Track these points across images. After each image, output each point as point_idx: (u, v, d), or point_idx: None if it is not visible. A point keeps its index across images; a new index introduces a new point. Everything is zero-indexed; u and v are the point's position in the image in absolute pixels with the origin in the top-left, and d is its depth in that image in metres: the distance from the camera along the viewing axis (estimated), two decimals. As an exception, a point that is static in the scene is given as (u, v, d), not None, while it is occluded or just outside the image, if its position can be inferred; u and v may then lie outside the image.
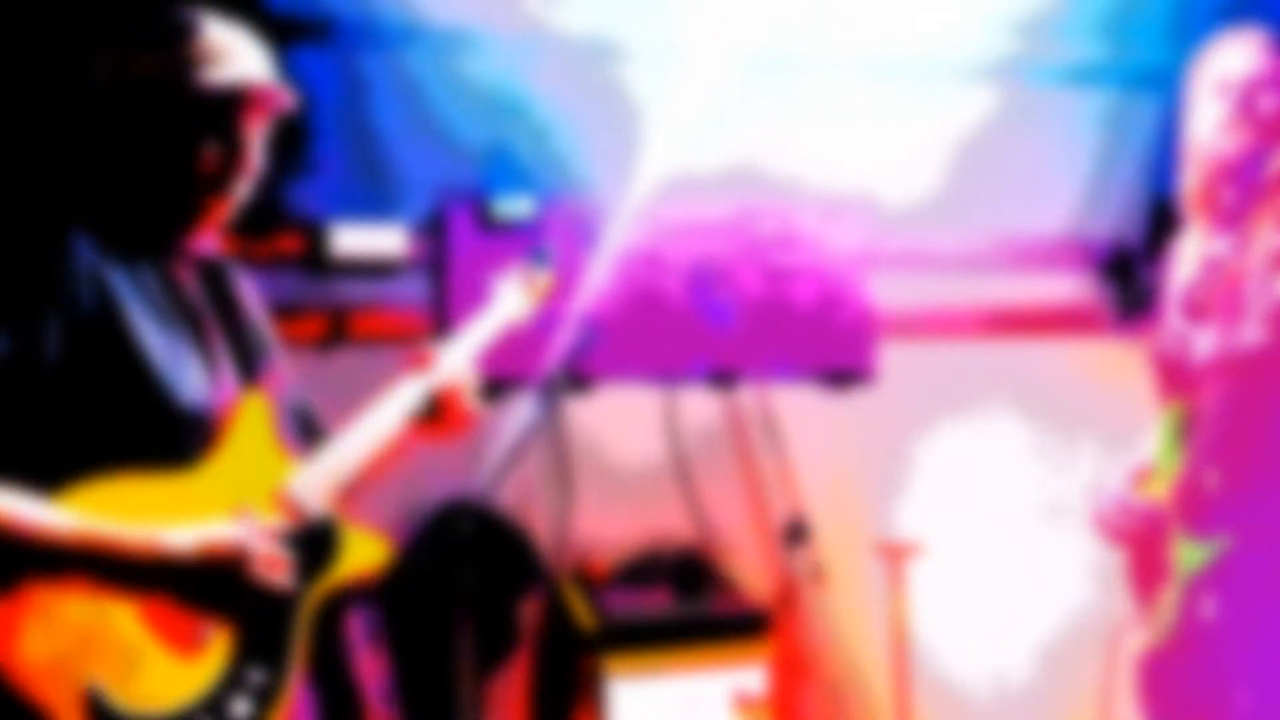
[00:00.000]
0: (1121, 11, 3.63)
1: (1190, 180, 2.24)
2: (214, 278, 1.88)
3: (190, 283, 1.83)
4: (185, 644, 1.66)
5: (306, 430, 1.98)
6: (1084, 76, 3.78)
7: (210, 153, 1.75)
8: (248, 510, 1.74)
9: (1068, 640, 3.70)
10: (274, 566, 1.72)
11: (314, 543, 1.83)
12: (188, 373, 1.74)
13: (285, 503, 1.80)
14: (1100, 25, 3.67)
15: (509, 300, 2.33)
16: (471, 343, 2.16)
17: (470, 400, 2.07)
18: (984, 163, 3.63)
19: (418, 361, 2.05)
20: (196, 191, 1.77)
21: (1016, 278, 3.79)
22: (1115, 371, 3.72)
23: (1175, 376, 2.22)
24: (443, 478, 3.19)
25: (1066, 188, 3.82)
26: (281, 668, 1.75)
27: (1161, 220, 3.58)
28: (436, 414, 2.03)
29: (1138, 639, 2.33)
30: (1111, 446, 2.48)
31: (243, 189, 1.81)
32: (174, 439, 1.71)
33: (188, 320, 1.79)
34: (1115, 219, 3.84)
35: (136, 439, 1.67)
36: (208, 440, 1.75)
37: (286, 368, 1.98)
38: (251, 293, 1.95)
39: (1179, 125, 2.32)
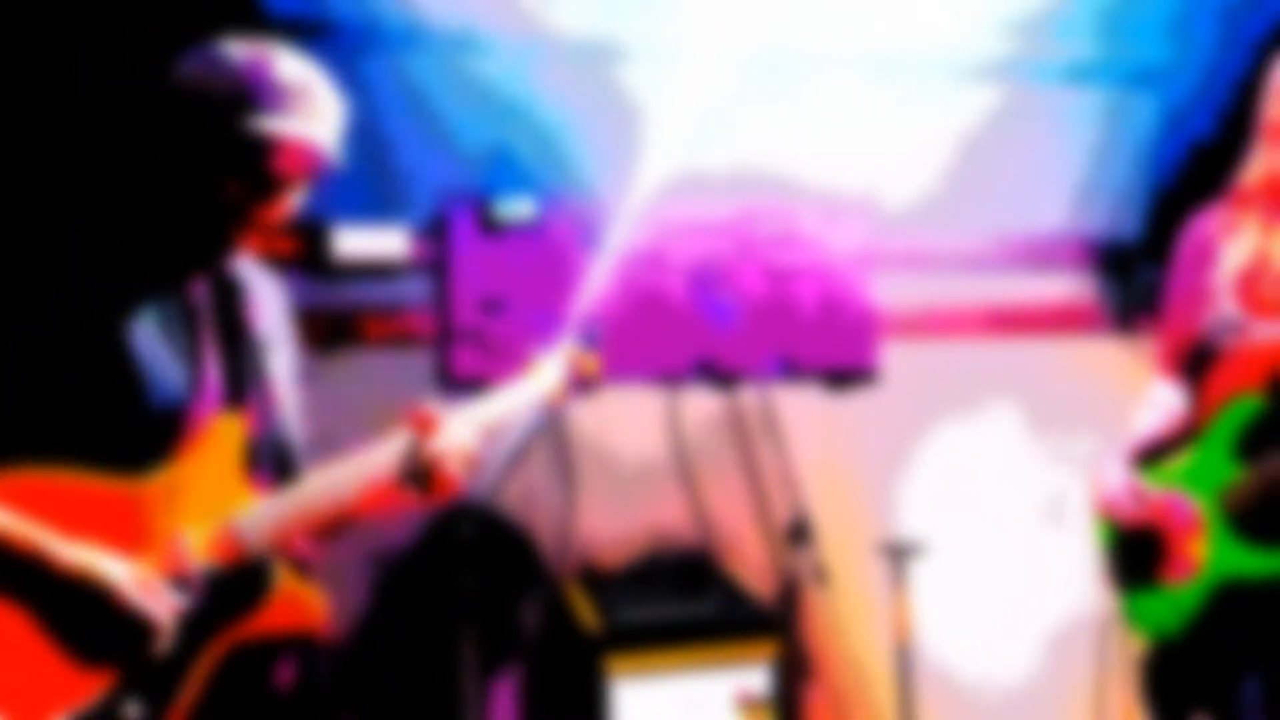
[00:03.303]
0: (1119, 10, 3.63)
1: (1252, 175, 2.24)
2: (225, 294, 1.86)
3: (199, 291, 1.82)
4: (80, 656, 1.63)
5: (281, 468, 1.89)
6: (1082, 75, 3.78)
7: (245, 191, 1.74)
8: (182, 532, 1.70)
9: (1071, 638, 3.70)
10: (149, 592, 1.66)
11: (238, 585, 1.74)
12: (168, 375, 1.72)
13: (223, 536, 1.73)
14: (1098, 24, 3.68)
15: (545, 377, 2.16)
16: (488, 415, 2.01)
17: (458, 471, 1.91)
18: (983, 161, 3.63)
19: (419, 424, 1.89)
20: (223, 223, 1.76)
21: (1016, 276, 3.80)
22: (1115, 370, 3.73)
23: (1236, 369, 2.20)
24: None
25: (1065, 186, 3.83)
26: (161, 708, 1.67)
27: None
28: (419, 479, 1.89)
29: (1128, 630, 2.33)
30: (1112, 444, 2.48)
31: (272, 228, 1.80)
32: (137, 436, 1.69)
33: (183, 326, 1.78)
34: (1114, 217, 3.85)
35: (99, 427, 1.67)
36: (172, 448, 1.72)
37: (289, 401, 1.90)
38: (268, 318, 1.91)
39: (1179, 121, 2.32)
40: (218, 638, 1.73)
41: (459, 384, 3.26)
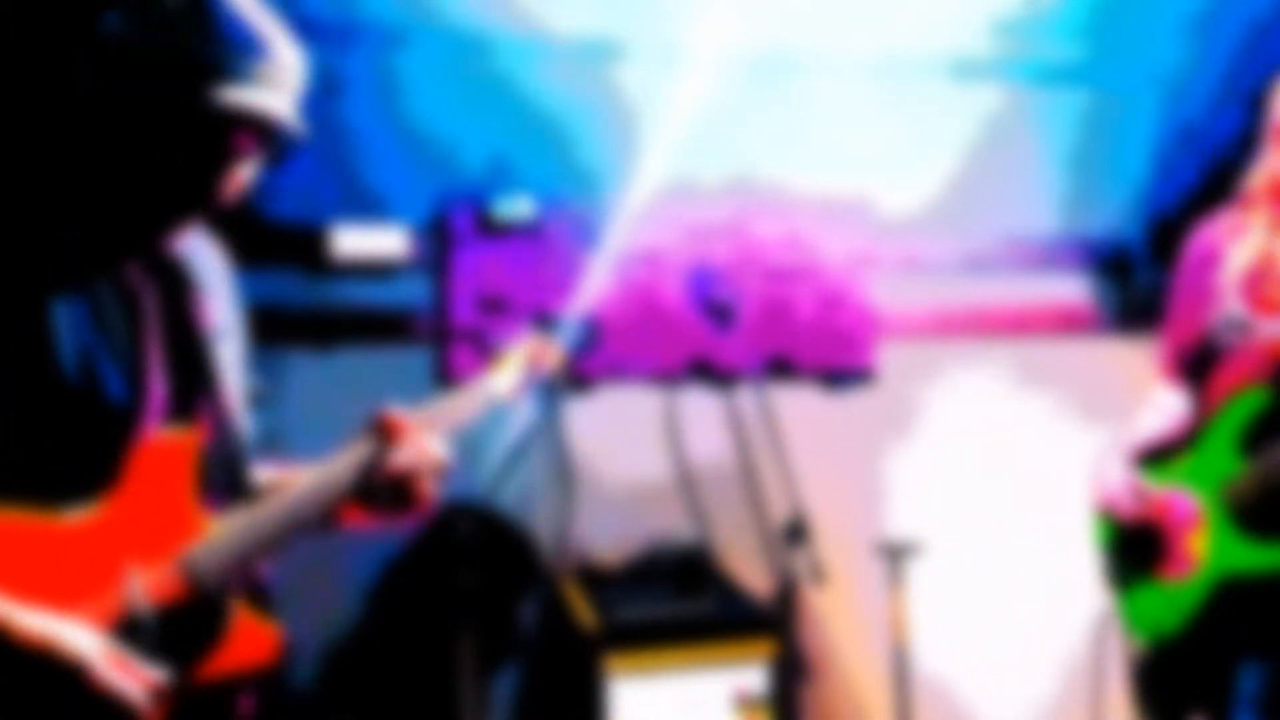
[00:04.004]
0: (1121, 11, 3.64)
1: (1259, 177, 2.25)
2: (170, 281, 1.64)
3: (139, 280, 1.60)
4: None
5: (232, 478, 1.67)
6: (1081, 76, 3.79)
7: (199, 166, 1.52)
8: (129, 573, 1.51)
9: (1069, 638, 3.71)
10: (124, 669, 1.45)
11: (190, 627, 1.55)
12: (106, 379, 1.52)
13: (175, 574, 1.54)
14: (1098, 24, 3.68)
15: (507, 371, 2.03)
16: (453, 415, 1.86)
17: (430, 485, 1.75)
18: (982, 163, 3.64)
19: (387, 431, 1.71)
20: (174, 201, 1.55)
21: (1015, 278, 3.80)
22: (1114, 371, 3.74)
23: (1240, 366, 2.22)
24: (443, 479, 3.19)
25: (1064, 188, 3.83)
26: None
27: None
28: (389, 493, 1.72)
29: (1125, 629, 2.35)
30: (1113, 443, 2.49)
31: (220, 207, 1.59)
32: (72, 454, 1.49)
33: (122, 320, 1.57)
34: (1113, 219, 3.86)
35: (25, 443, 1.46)
36: (113, 469, 1.52)
37: (238, 399, 1.70)
38: (218, 305, 1.69)
39: (1178, 124, 2.32)
40: (173, 687, 1.54)
41: (458, 383, 3.26)
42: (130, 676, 1.45)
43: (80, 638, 1.43)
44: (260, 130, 1.54)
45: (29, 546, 1.45)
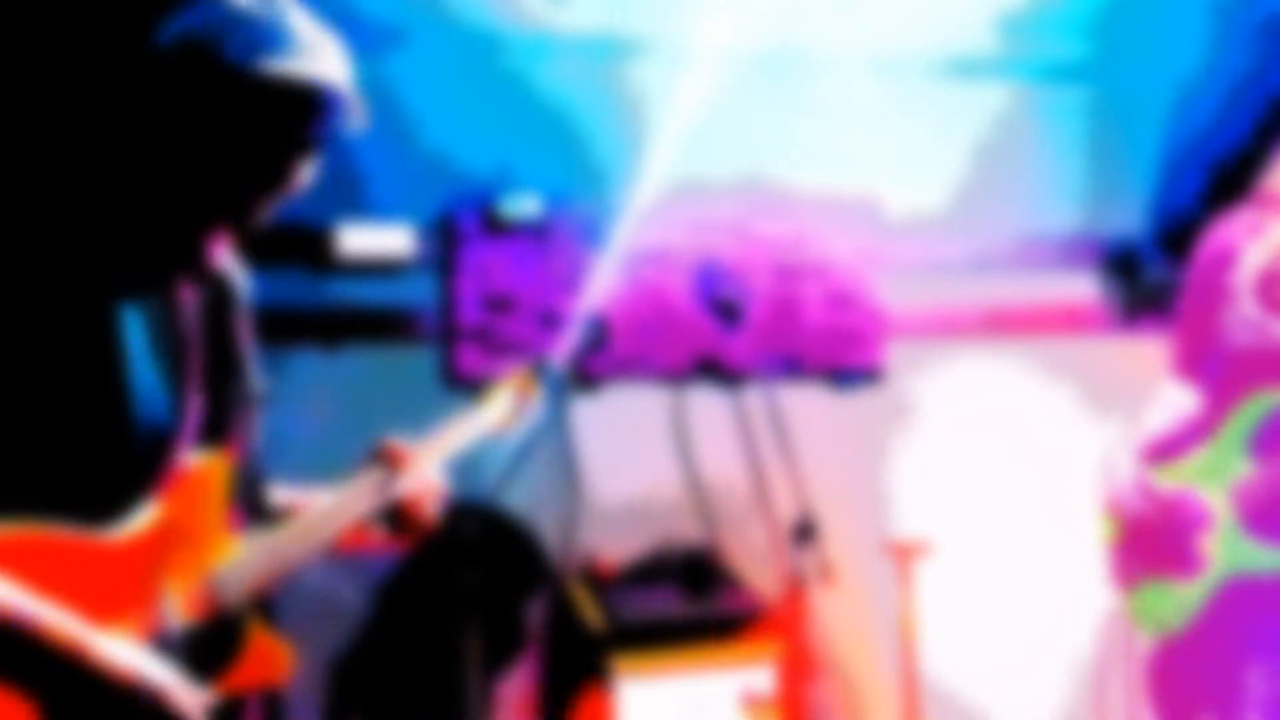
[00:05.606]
0: (1129, 8, 3.63)
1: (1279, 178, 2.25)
2: (217, 306, 1.67)
3: (189, 307, 1.62)
4: None
5: (252, 507, 1.72)
6: (1089, 74, 3.78)
7: (252, 154, 1.56)
8: (166, 591, 1.54)
9: (1076, 639, 3.69)
10: (191, 694, 1.51)
11: (213, 643, 1.60)
12: (155, 401, 1.55)
13: (202, 591, 1.58)
14: (1105, 22, 3.67)
15: (498, 407, 2.13)
16: (450, 445, 1.97)
17: (432, 510, 1.88)
18: (991, 162, 3.63)
19: (391, 460, 1.82)
20: (223, 196, 1.57)
21: (1023, 276, 3.79)
22: (1124, 369, 3.72)
23: (1253, 367, 2.20)
24: (449, 479, 3.19)
25: (1073, 187, 3.82)
26: None
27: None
28: (395, 520, 1.84)
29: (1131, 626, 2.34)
30: (1122, 443, 2.48)
31: (273, 206, 1.62)
32: (116, 474, 1.52)
33: (171, 339, 1.59)
34: (1123, 217, 3.84)
35: (73, 463, 1.48)
36: (150, 488, 1.54)
37: (256, 426, 1.73)
38: (248, 326, 1.73)
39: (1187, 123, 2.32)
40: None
41: (464, 383, 3.26)
42: (194, 699, 1.50)
43: (158, 669, 1.48)
44: (317, 109, 1.56)
45: (72, 564, 1.47)
